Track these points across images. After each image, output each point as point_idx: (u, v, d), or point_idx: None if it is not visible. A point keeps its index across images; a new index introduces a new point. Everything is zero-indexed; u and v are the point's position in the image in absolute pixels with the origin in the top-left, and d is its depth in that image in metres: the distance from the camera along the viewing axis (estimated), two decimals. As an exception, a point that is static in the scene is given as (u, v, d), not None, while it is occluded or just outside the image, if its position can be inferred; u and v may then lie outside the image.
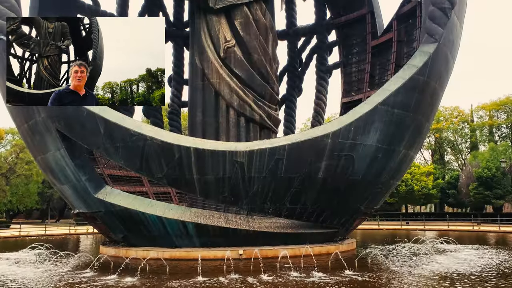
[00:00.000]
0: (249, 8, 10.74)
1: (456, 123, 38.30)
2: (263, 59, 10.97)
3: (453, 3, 9.08)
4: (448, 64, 9.75)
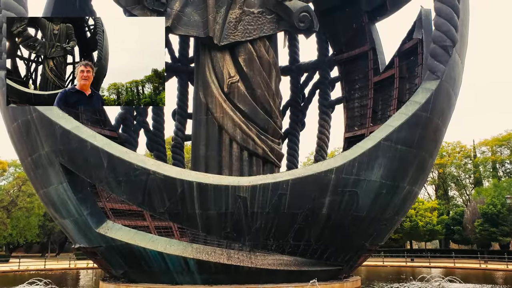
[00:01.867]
0: (253, 45, 10.92)
1: (459, 158, 38.25)
2: (266, 94, 11.07)
3: (454, 41, 9.23)
4: (450, 100, 9.82)
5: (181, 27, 10.60)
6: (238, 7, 10.72)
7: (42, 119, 8.43)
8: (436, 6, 9.32)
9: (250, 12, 10.74)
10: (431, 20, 10.17)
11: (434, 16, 9.47)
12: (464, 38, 10.15)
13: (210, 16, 10.55)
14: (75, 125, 8.40)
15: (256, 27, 10.78)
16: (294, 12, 10.24)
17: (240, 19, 10.73)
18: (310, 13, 10.32)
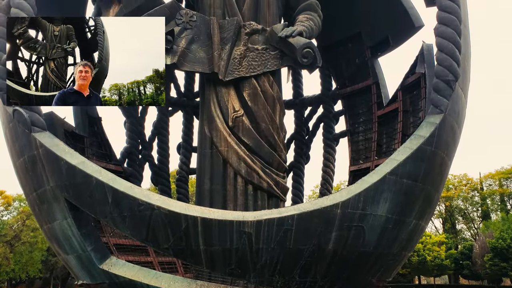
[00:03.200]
0: (257, 80, 11.07)
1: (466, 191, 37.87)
2: (270, 128, 11.14)
3: (456, 75, 9.32)
4: (454, 134, 9.84)
5: (187, 64, 10.79)
6: (242, 44, 10.94)
7: (48, 154, 8.49)
8: (438, 42, 9.47)
9: (254, 49, 10.95)
10: (433, 55, 10.31)
11: (436, 51, 9.61)
12: (467, 73, 10.26)
13: (215, 53, 10.76)
14: (81, 160, 8.45)
15: (260, 63, 10.96)
16: (297, 48, 10.41)
17: (245, 55, 10.93)
18: (313, 49, 10.48)
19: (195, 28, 10.82)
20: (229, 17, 11.15)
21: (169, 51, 10.52)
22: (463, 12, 9.86)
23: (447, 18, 9.31)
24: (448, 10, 9.34)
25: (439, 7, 9.45)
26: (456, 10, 9.34)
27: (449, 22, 9.30)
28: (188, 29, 10.79)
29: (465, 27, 10.04)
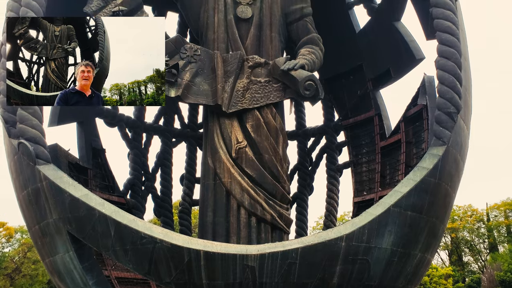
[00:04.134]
0: (260, 112, 11.16)
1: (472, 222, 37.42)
2: (274, 159, 11.15)
3: (458, 107, 9.39)
4: (458, 166, 9.83)
5: (191, 96, 10.93)
6: (245, 76, 11.10)
7: (51, 187, 8.50)
8: (439, 74, 9.58)
9: (257, 81, 11.10)
10: (435, 87, 10.40)
11: (437, 84, 9.71)
12: (468, 105, 10.33)
13: (219, 86, 10.91)
14: (84, 193, 8.45)
15: (263, 95, 11.09)
16: (299, 81, 10.55)
17: (248, 88, 11.07)
18: (315, 82, 10.62)
19: (199, 62, 11.02)
20: (232, 51, 11.36)
21: (174, 84, 10.67)
22: (463, 45, 10.00)
23: (447, 51, 9.45)
24: (448, 43, 9.49)
25: (439, 40, 9.60)
26: (456, 43, 9.49)
27: (450, 55, 9.43)
28: (193, 63, 10.98)
29: (466, 60, 10.17)
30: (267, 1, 11.71)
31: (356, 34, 13.97)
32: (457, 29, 9.59)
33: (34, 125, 8.51)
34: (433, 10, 9.74)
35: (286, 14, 11.85)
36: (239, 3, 11.65)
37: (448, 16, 9.59)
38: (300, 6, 11.88)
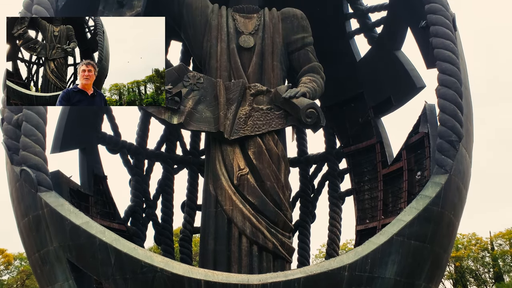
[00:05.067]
0: (262, 139, 11.21)
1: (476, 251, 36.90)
2: (276, 186, 11.13)
3: (460, 136, 9.41)
4: (461, 194, 9.78)
5: (194, 123, 11.02)
6: (248, 104, 11.20)
7: (52, 214, 8.47)
8: (440, 103, 9.64)
9: (259, 109, 11.20)
10: (436, 115, 10.45)
11: (438, 112, 9.76)
12: (470, 133, 10.35)
13: (221, 113, 11.00)
14: (85, 220, 8.40)
15: (265, 122, 11.16)
16: (301, 109, 10.63)
17: (250, 115, 11.15)
18: (317, 110, 10.70)
19: (202, 90, 11.15)
20: (234, 79, 11.51)
21: (176, 111, 10.79)
22: (463, 74, 10.10)
23: (448, 80, 9.54)
24: (448, 72, 9.59)
25: (440, 69, 9.71)
26: (456, 72, 9.58)
27: (450, 84, 9.52)
28: (195, 90, 11.12)
29: (466, 89, 10.26)
30: (269, 31, 11.92)
31: (357, 63, 14.14)
32: (457, 59, 9.70)
33: (37, 152, 8.55)
34: (433, 40, 9.89)
35: (287, 43, 12.05)
36: (242, 33, 11.86)
37: (448, 46, 9.72)
38: (301, 36, 12.09)
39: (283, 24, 12.08)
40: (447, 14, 10.04)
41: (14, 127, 8.88)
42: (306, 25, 12.20)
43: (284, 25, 12.07)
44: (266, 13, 12.16)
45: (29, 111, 8.62)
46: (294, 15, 12.23)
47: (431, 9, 10.03)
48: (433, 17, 9.99)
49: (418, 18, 11.04)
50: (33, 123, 8.56)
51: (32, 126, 8.55)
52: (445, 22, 9.92)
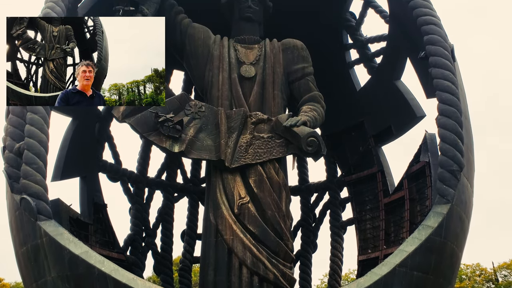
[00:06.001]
0: (263, 167, 11.20)
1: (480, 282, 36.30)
2: (277, 215, 11.04)
3: (461, 165, 9.40)
4: (463, 224, 9.71)
5: (195, 151, 11.05)
6: (249, 132, 11.26)
7: (51, 243, 8.39)
8: (440, 133, 9.68)
9: (260, 137, 11.24)
10: (436, 144, 10.47)
11: (439, 142, 9.78)
12: (471, 163, 10.35)
13: (222, 141, 11.04)
14: (84, 250, 8.32)
15: (266, 150, 11.18)
16: (301, 137, 10.68)
17: (251, 143, 11.18)
18: (318, 138, 10.74)
19: (203, 118, 11.24)
20: (236, 107, 11.60)
21: (178, 140, 10.84)
22: (463, 104, 10.18)
23: (447, 110, 9.60)
24: (448, 102, 9.66)
25: (439, 99, 9.79)
26: (456, 102, 9.66)
27: (450, 114, 9.58)
28: (197, 119, 11.20)
29: (466, 119, 10.31)
30: (270, 61, 12.09)
31: (357, 92, 14.28)
32: (456, 89, 9.79)
33: (38, 181, 8.54)
34: (432, 70, 10.01)
35: (288, 73, 12.21)
36: (243, 63, 12.04)
37: (447, 76, 9.83)
38: (301, 66, 12.26)
39: (283, 55, 12.26)
40: (446, 45, 10.19)
41: (16, 155, 8.90)
42: (307, 55, 12.39)
43: (284, 56, 12.26)
44: (267, 44, 12.37)
45: (31, 139, 8.66)
46: (295, 46, 12.43)
47: (430, 40, 10.18)
48: (432, 48, 10.13)
49: (417, 49, 11.22)
50: (35, 152, 8.60)
51: (33, 155, 8.58)
52: (444, 53, 10.07)
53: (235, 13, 12.65)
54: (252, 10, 12.41)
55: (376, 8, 13.76)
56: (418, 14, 10.56)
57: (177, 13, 12.16)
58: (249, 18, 12.41)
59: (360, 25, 14.23)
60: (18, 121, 9.04)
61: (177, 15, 12.14)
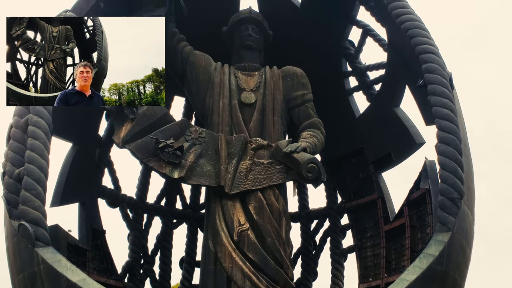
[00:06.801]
0: (262, 193, 11.19)
1: (484, 311, 35.65)
2: (276, 243, 10.96)
3: (461, 193, 9.40)
4: (465, 253, 9.62)
5: (194, 177, 11.08)
6: (248, 158, 11.30)
7: (49, 270, 8.30)
8: (440, 160, 9.70)
9: (260, 163, 11.27)
10: (436, 171, 10.47)
11: (439, 169, 9.79)
12: (471, 191, 10.33)
13: (222, 167, 11.07)
14: (82, 277, 8.22)
15: (265, 176, 11.19)
16: (301, 163, 10.70)
17: (251, 169, 11.20)
18: (317, 165, 10.77)
19: (203, 144, 11.30)
20: (236, 133, 11.68)
21: (178, 165, 10.87)
22: (462, 131, 10.23)
23: (447, 137, 9.65)
24: (448, 130, 9.72)
25: (439, 127, 9.85)
26: (455, 130, 9.71)
27: (449, 141, 9.62)
28: (197, 145, 11.27)
29: (466, 147, 10.35)
30: (270, 88, 12.24)
31: (356, 119, 14.35)
32: (455, 116, 9.87)
33: (36, 207, 8.52)
34: (431, 98, 10.11)
35: (288, 100, 12.34)
36: (243, 90, 12.19)
37: (446, 104, 9.93)
38: (301, 93, 12.41)
39: (283, 82, 12.42)
40: (444, 74, 10.33)
41: (15, 181, 8.90)
42: (306, 82, 12.56)
43: (284, 83, 12.42)
44: (267, 71, 12.54)
45: (31, 165, 8.67)
46: (294, 73, 12.61)
47: (428, 69, 10.33)
48: (430, 76, 10.26)
49: (415, 76, 11.34)
50: (35, 178, 8.60)
51: (33, 181, 8.57)
52: (442, 81, 10.19)
53: (236, 41, 12.88)
54: (252, 39, 12.64)
55: (375, 37, 13.95)
56: (416, 43, 10.72)
57: (179, 41, 12.37)
58: (249, 46, 12.63)
59: (359, 53, 14.40)
60: (19, 147, 9.06)
61: (179, 43, 12.35)
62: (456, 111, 10.07)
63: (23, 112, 9.05)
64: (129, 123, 10.99)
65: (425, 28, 11.05)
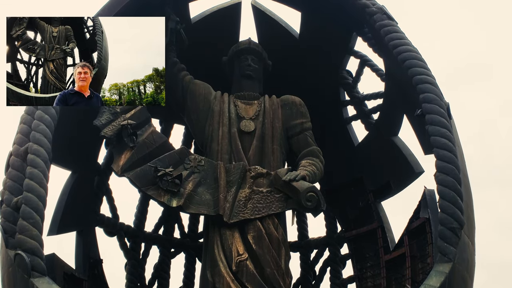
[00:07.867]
0: (261, 222, 11.10)
1: None
2: (276, 273, 10.80)
3: (461, 223, 9.36)
4: (466, 284, 9.50)
5: (193, 206, 11.02)
6: (248, 186, 11.27)
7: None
8: (439, 189, 9.71)
9: (259, 191, 11.23)
10: (436, 201, 10.45)
11: (438, 199, 9.78)
12: (471, 220, 10.29)
13: (221, 195, 11.03)
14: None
15: (265, 205, 11.13)
16: (301, 192, 10.68)
17: (250, 198, 11.15)
18: (317, 193, 10.74)
19: (202, 172, 11.29)
20: (235, 161, 11.69)
21: (176, 194, 10.83)
22: (461, 161, 10.27)
23: (445, 167, 9.68)
24: (446, 159, 9.76)
25: (437, 156, 9.89)
26: (454, 160, 9.75)
27: (448, 171, 9.65)
28: (196, 173, 11.26)
29: (465, 176, 10.36)
30: (269, 116, 12.33)
31: (355, 147, 14.41)
32: (453, 146, 9.93)
33: (34, 236, 8.43)
34: (429, 128, 10.19)
35: (287, 128, 12.41)
36: (243, 118, 12.27)
37: (444, 134, 10.00)
38: (300, 122, 12.49)
39: (282, 110, 12.52)
40: (442, 103, 10.45)
41: (13, 210, 8.84)
42: (305, 111, 12.67)
43: (283, 111, 12.52)
44: (266, 100, 12.66)
45: (29, 193, 8.63)
46: (293, 102, 12.73)
47: (425, 99, 10.45)
48: (428, 106, 10.37)
49: (413, 105, 11.44)
50: (32, 206, 8.55)
51: (31, 209, 8.52)
52: (439, 111, 10.30)
53: (235, 70, 13.06)
54: (252, 68, 12.81)
55: (372, 67, 14.15)
56: (413, 73, 10.87)
57: (179, 70, 12.52)
58: (249, 76, 12.80)
59: (356, 83, 14.58)
60: (18, 175, 9.05)
61: (179, 72, 12.50)
62: (454, 141, 10.13)
63: (23, 140, 9.07)
64: (129, 151, 10.99)
65: (422, 58, 11.24)
